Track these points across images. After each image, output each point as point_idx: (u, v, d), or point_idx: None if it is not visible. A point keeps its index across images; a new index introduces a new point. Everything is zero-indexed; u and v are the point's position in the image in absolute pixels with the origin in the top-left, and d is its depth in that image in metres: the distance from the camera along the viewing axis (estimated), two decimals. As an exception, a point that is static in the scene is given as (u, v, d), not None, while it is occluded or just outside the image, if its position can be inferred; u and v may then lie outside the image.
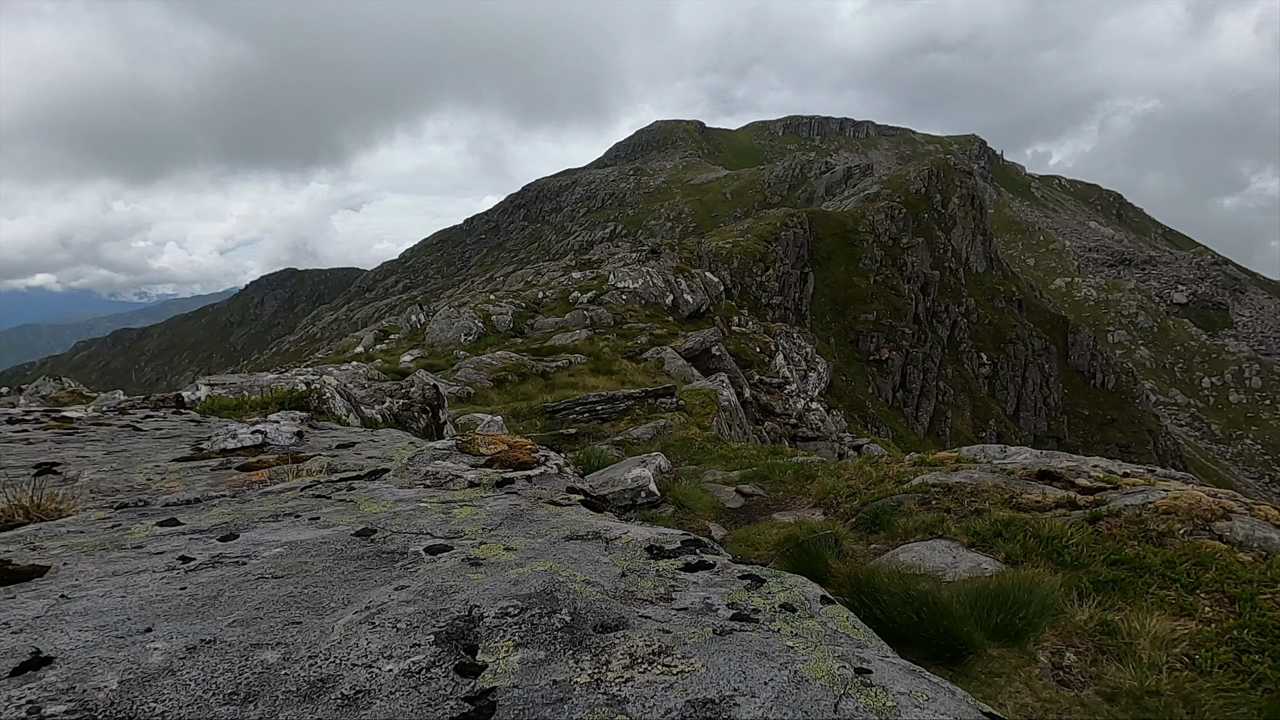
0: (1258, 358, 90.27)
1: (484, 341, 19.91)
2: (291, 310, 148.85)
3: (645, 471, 5.04)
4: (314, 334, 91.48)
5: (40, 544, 1.63)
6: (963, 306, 56.97)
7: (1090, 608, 2.87)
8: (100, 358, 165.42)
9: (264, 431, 3.35)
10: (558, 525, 1.82)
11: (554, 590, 1.34)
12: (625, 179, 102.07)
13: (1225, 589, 2.93)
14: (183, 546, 1.61)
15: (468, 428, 8.98)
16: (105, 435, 3.51)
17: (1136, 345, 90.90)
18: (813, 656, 1.17)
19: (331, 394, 5.79)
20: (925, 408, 48.21)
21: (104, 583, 1.37)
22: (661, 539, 1.76)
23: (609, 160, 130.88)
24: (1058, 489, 4.17)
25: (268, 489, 2.26)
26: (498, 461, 2.42)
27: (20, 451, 3.02)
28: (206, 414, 4.74)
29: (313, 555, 1.54)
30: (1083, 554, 3.28)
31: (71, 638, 1.12)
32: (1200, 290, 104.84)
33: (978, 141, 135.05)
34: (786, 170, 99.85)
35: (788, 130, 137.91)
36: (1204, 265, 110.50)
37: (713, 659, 1.14)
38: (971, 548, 3.51)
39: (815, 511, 4.40)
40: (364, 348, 22.87)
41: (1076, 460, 4.99)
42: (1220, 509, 3.50)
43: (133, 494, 2.31)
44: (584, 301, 23.93)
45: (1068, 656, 2.63)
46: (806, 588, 1.51)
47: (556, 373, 15.41)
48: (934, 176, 65.11)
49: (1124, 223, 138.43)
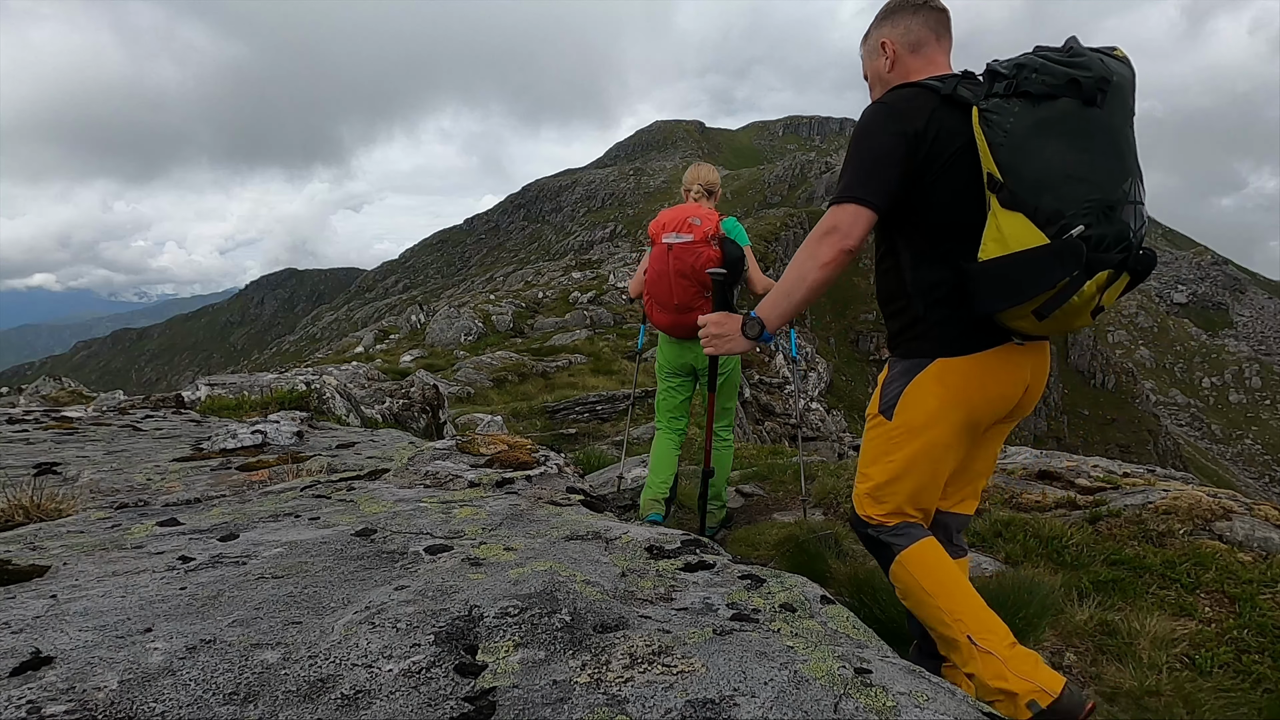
0: (1258, 358, 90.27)
1: (484, 341, 19.91)
2: (291, 310, 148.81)
3: (645, 471, 5.04)
4: (314, 334, 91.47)
5: (40, 544, 1.63)
6: (963, 306, 56.86)
7: (1090, 608, 2.87)
8: (100, 358, 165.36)
9: (264, 431, 3.36)
10: (558, 525, 1.82)
11: (554, 590, 1.34)
12: (625, 179, 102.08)
13: (1225, 589, 2.93)
14: (183, 546, 1.61)
15: (468, 428, 8.98)
16: (105, 435, 3.51)
17: (1136, 345, 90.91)
18: (813, 656, 1.17)
19: (331, 394, 5.79)
20: (925, 408, 48.07)
21: (104, 583, 1.37)
22: (661, 539, 1.76)
23: (609, 160, 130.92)
24: (1058, 489, 4.17)
25: (268, 489, 2.26)
26: (498, 461, 2.42)
27: (20, 451, 3.02)
28: (206, 414, 4.74)
29: (313, 555, 1.54)
30: (1083, 554, 3.28)
31: (71, 638, 1.12)
32: (1200, 290, 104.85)
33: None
34: (786, 170, 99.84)
35: (788, 130, 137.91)
36: (1204, 265, 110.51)
37: (713, 659, 1.14)
38: (971, 548, 3.51)
39: (815, 511, 4.40)
40: (364, 348, 22.87)
41: (1076, 460, 4.99)
42: (1220, 509, 3.50)
43: (133, 494, 2.31)
44: (584, 301, 23.93)
45: (1068, 656, 2.63)
46: (806, 588, 1.51)
47: (556, 373, 15.42)
48: (934, 176, 64.98)
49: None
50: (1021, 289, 1.64)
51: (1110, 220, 1.60)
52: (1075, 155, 1.61)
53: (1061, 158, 1.61)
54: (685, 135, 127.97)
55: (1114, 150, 1.63)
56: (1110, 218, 1.60)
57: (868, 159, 1.79)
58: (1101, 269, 1.59)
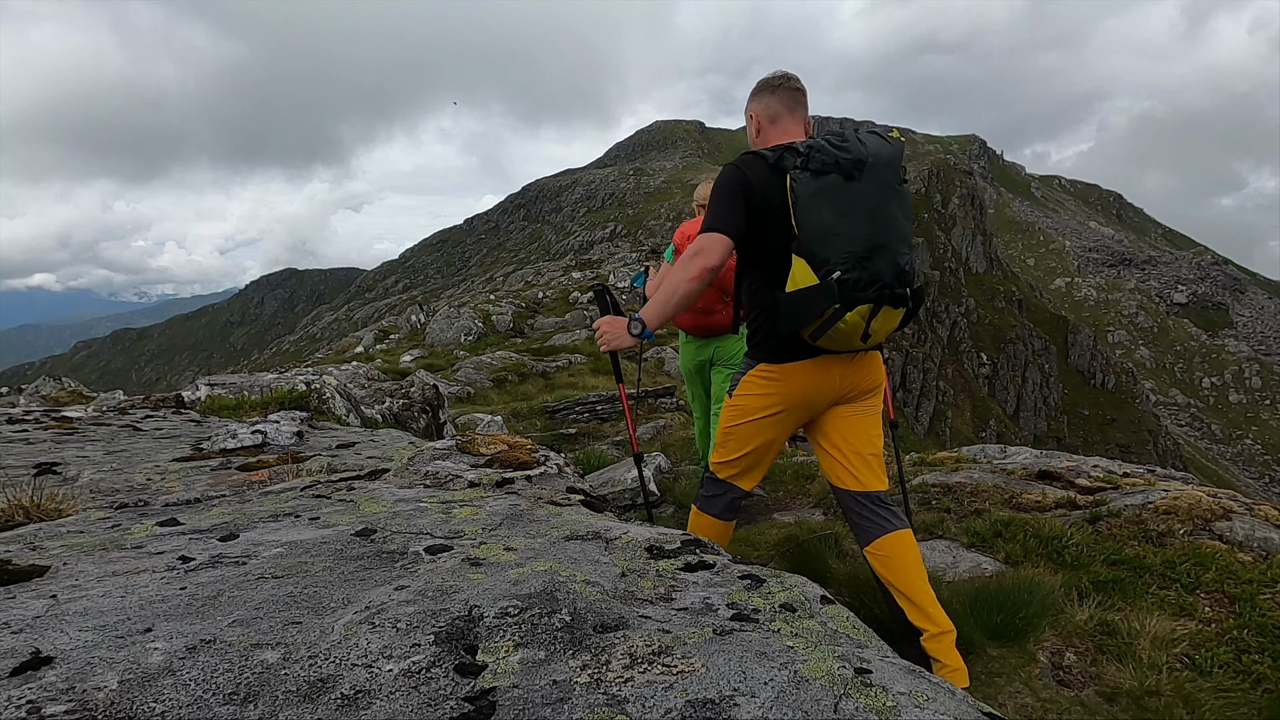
0: (1258, 358, 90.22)
1: (484, 341, 19.92)
2: (291, 310, 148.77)
3: (646, 471, 5.04)
4: (314, 334, 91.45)
5: (40, 544, 1.63)
6: (963, 306, 56.93)
7: (1090, 608, 2.87)
8: (100, 358, 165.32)
9: (264, 431, 3.36)
10: (558, 525, 1.82)
11: (554, 590, 1.34)
12: (625, 179, 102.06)
13: (1225, 589, 2.93)
14: (183, 546, 1.61)
15: (468, 428, 8.98)
16: (105, 435, 3.51)
17: (1136, 345, 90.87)
18: (813, 656, 1.17)
19: (331, 394, 5.79)
20: (925, 408, 48.20)
21: (104, 583, 1.37)
22: (661, 539, 1.75)
23: (609, 160, 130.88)
24: (1058, 489, 4.17)
25: (268, 489, 2.26)
26: (498, 461, 2.42)
27: (20, 451, 3.02)
28: (206, 414, 4.74)
29: (313, 555, 1.54)
30: (1083, 554, 3.28)
31: (71, 638, 1.12)
32: (1200, 290, 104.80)
33: (978, 141, 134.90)
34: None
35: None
36: (1204, 265, 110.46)
37: (713, 659, 1.14)
38: (971, 548, 3.51)
39: (815, 511, 4.40)
40: (364, 348, 22.88)
41: (1076, 460, 4.99)
42: (1220, 509, 3.50)
43: (133, 494, 2.31)
44: (584, 301, 23.93)
45: (1068, 656, 2.63)
46: (806, 588, 1.50)
47: (556, 373, 15.42)
48: (934, 176, 65.08)
49: (1124, 223, 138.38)
50: (800, 317, 2.17)
51: (865, 268, 2.10)
52: (838, 217, 2.11)
53: (829, 219, 2.12)
54: (685, 135, 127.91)
55: (867, 215, 2.12)
56: (865, 265, 2.10)
57: (725, 201, 2.28)
58: (860, 304, 2.10)
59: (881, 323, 2.16)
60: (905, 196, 2.23)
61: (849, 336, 2.16)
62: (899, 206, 2.19)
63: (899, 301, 2.15)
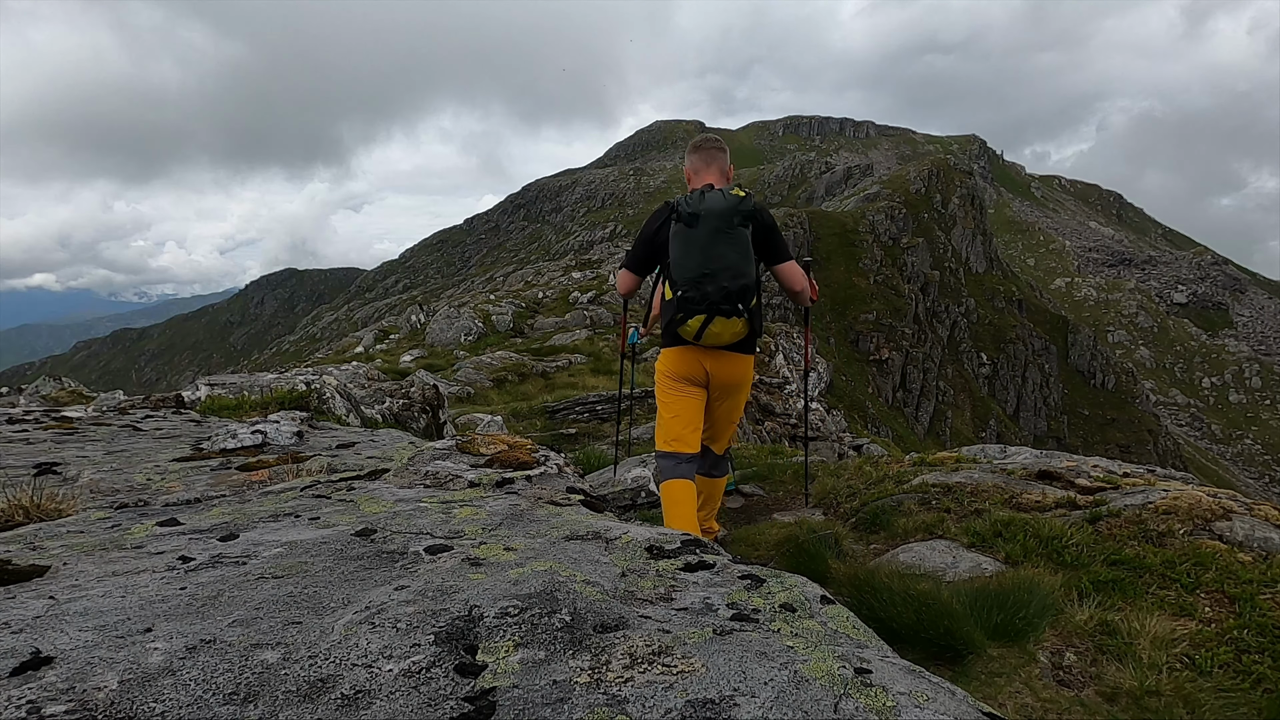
0: (1258, 358, 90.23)
1: (484, 341, 19.92)
2: (291, 310, 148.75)
3: (645, 471, 5.04)
4: (314, 334, 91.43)
5: (40, 544, 1.63)
6: (963, 306, 56.94)
7: (1090, 608, 2.87)
8: (100, 358, 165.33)
9: (264, 431, 3.36)
10: (558, 525, 1.82)
11: (554, 590, 1.33)
12: (625, 179, 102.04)
13: (1225, 589, 2.93)
14: (183, 546, 1.61)
15: (468, 428, 8.99)
16: (105, 435, 3.51)
17: (1136, 345, 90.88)
18: (813, 656, 1.17)
19: (331, 394, 5.79)
20: (925, 408, 48.21)
21: (104, 583, 1.37)
22: (661, 539, 1.75)
23: (609, 160, 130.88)
24: (1058, 489, 4.17)
25: (268, 489, 2.26)
26: (498, 461, 2.42)
27: (20, 451, 3.02)
28: (206, 414, 4.74)
29: (313, 555, 1.54)
30: (1083, 554, 3.27)
31: (71, 638, 1.12)
32: (1200, 290, 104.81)
33: (978, 141, 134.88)
34: (786, 170, 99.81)
35: (788, 130, 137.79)
36: (1204, 265, 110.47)
37: (713, 659, 1.14)
38: (971, 548, 3.51)
39: (815, 511, 4.40)
40: (364, 348, 22.87)
41: (1076, 460, 4.99)
42: (1220, 509, 3.50)
43: (133, 494, 2.31)
44: (584, 301, 23.94)
45: (1068, 656, 2.63)
46: (806, 588, 1.50)
47: (556, 373, 15.42)
48: (934, 176, 65.08)
49: (1124, 223, 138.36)
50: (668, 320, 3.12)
51: (697, 288, 2.97)
52: (681, 254, 3.01)
53: (679, 254, 3.02)
54: (685, 135, 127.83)
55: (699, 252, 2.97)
56: (697, 286, 2.97)
57: (638, 241, 3.31)
58: (695, 314, 3.01)
59: (720, 327, 3.03)
60: (738, 238, 2.97)
61: (691, 333, 3.09)
62: (729, 246, 2.96)
63: (728, 314, 2.99)
